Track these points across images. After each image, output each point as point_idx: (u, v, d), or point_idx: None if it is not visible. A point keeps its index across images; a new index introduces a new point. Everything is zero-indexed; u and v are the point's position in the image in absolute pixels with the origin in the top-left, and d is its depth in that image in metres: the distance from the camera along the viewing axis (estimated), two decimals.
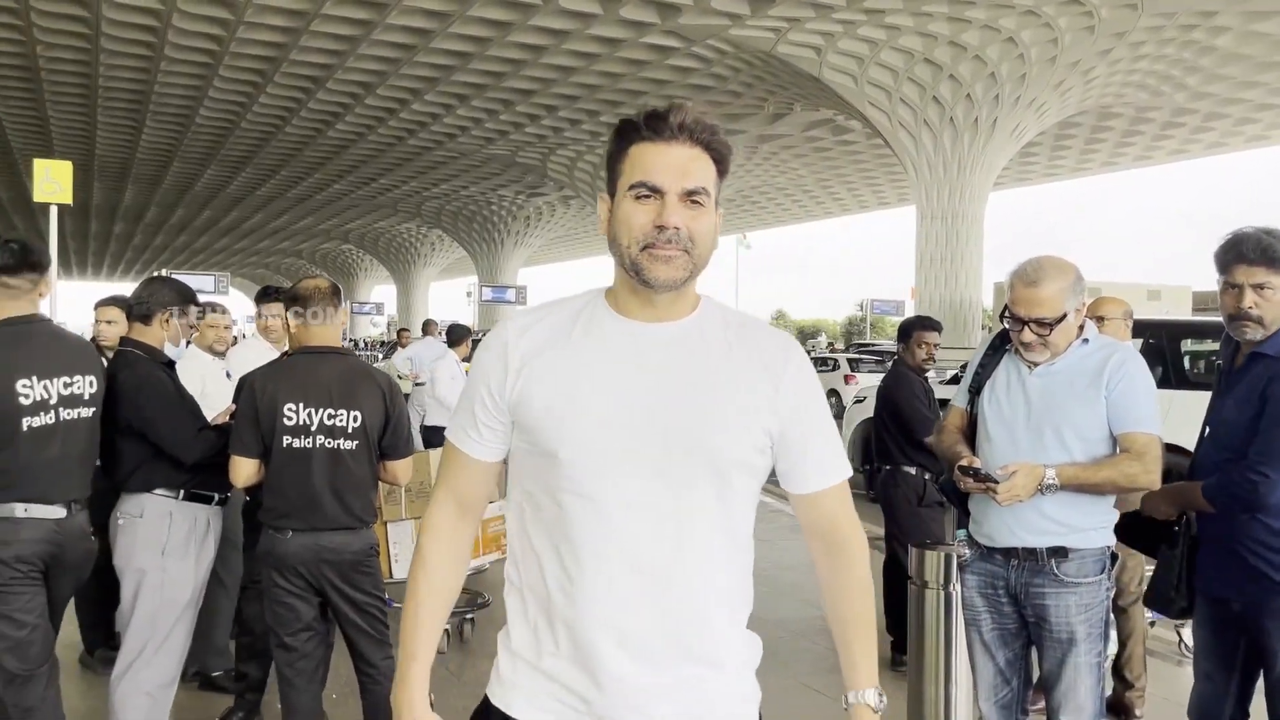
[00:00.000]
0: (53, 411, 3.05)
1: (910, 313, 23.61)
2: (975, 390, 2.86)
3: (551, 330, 1.52)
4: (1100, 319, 4.27)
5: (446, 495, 1.63)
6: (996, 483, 2.61)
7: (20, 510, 2.98)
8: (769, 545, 8.00)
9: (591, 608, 1.44)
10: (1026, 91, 22.30)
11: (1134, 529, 2.89)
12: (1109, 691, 4.37)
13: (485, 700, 1.58)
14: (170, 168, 35.64)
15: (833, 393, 23.03)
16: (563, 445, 1.45)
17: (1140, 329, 8.93)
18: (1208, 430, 2.84)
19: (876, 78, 22.58)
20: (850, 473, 1.63)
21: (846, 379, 22.55)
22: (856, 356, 24.92)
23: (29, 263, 3.09)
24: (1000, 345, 2.85)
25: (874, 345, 34.05)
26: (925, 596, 3.38)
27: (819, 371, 24.31)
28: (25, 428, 2.99)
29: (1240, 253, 2.67)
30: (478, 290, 37.97)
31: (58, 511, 3.04)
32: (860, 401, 11.13)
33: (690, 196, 1.45)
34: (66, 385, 3.10)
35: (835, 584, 1.63)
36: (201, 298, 4.21)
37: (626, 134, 1.49)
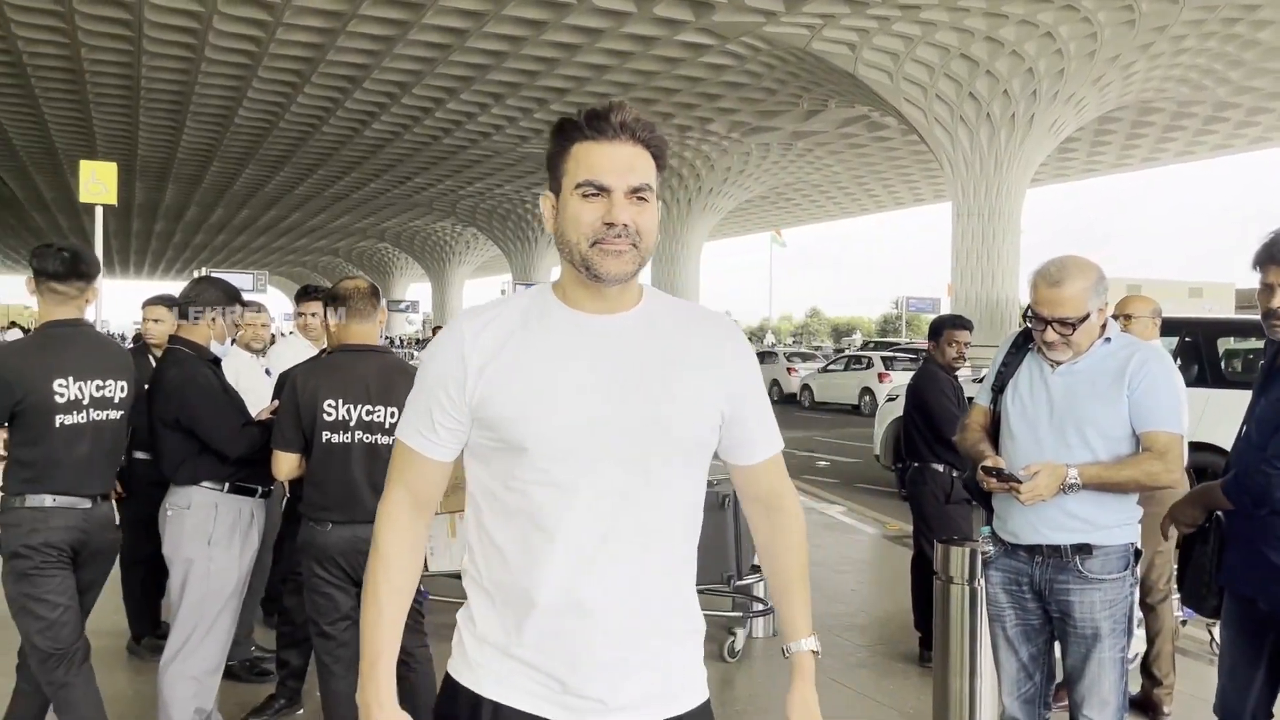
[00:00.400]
0: (84, 411, 3.23)
1: (946, 310, 23.47)
2: (998, 389, 2.89)
3: (506, 328, 1.54)
4: (1128, 317, 4.28)
5: (403, 494, 1.63)
6: (1019, 482, 2.64)
7: (50, 500, 3.16)
8: None
9: (568, 592, 1.47)
10: (1065, 87, 22.07)
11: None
12: (1136, 689, 4.38)
13: (449, 681, 1.58)
14: (210, 167, 36.13)
15: (866, 390, 22.96)
16: (531, 438, 1.47)
17: (1176, 327, 8.86)
18: (1245, 429, 2.84)
19: (912, 74, 22.44)
20: (782, 444, 1.73)
21: (880, 377, 22.47)
22: (891, 355, 24.79)
23: (78, 271, 3.27)
24: (1023, 344, 2.87)
25: (896, 344, 33.85)
26: (950, 592, 3.42)
27: (853, 369, 24.29)
28: (58, 424, 3.17)
29: (1272, 254, 2.68)
30: (512, 288, 38.20)
31: (84, 504, 3.22)
32: (893, 400, 11.10)
33: (636, 193, 1.49)
34: (99, 388, 3.26)
35: (776, 545, 1.73)
36: (244, 297, 4.33)
37: (568, 133, 1.52)
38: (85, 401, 3.23)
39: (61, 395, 3.17)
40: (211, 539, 3.48)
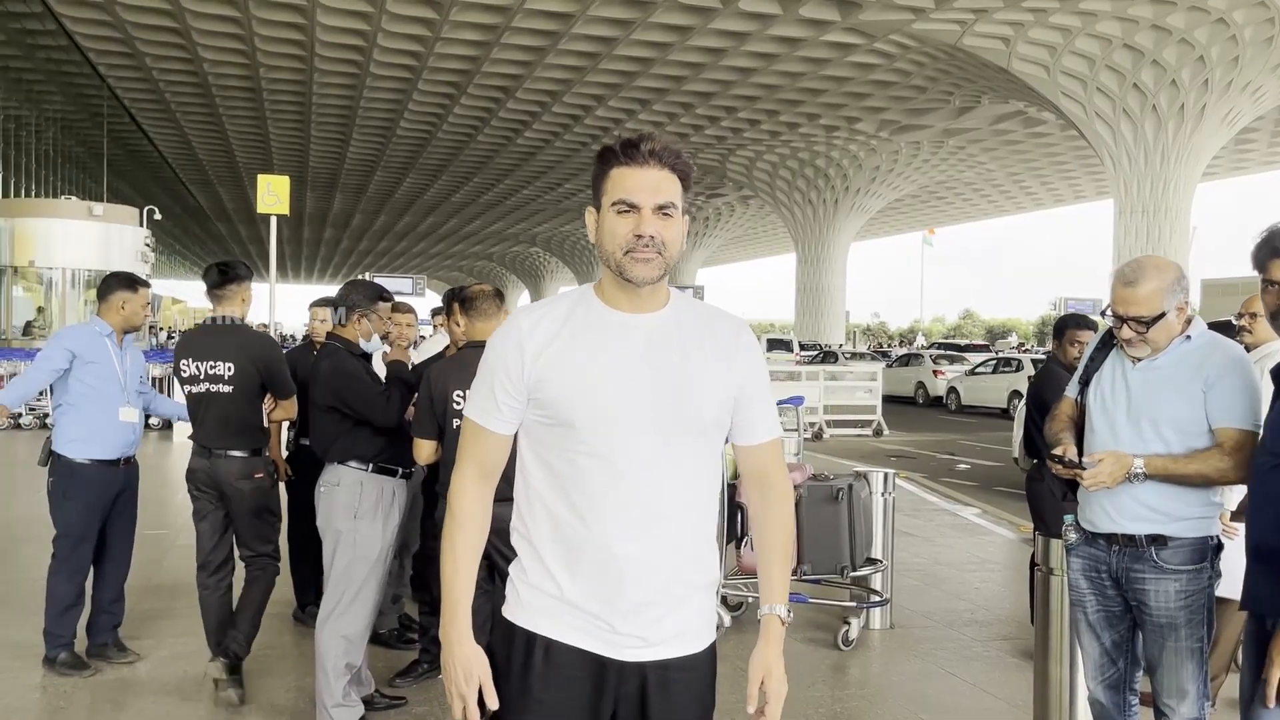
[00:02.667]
0: (201, 384, 4.28)
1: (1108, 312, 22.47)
2: (1085, 383, 2.98)
3: (556, 323, 1.81)
4: (1253, 315, 4.22)
5: (472, 465, 1.88)
6: (1083, 469, 2.73)
7: (195, 451, 4.35)
8: (928, 542, 8.03)
9: (608, 546, 1.75)
10: (1240, 75, 20.90)
11: None
12: None
13: (505, 622, 1.85)
14: (374, 177, 38.09)
15: (1015, 393, 22.33)
16: (579, 417, 1.75)
17: None
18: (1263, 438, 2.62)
19: (1070, 66, 21.68)
20: (781, 432, 1.95)
21: (1030, 379, 21.81)
22: (1039, 358, 24.01)
23: (215, 279, 4.34)
24: (1109, 340, 2.95)
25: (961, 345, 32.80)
26: (1050, 582, 3.50)
27: (1002, 372, 23.56)
28: (187, 392, 4.34)
29: (1275, 248, 2.59)
30: None
31: (205, 457, 4.28)
32: None
33: (662, 210, 1.75)
34: (211, 367, 4.27)
35: (765, 518, 1.95)
36: (397, 299, 4.76)
37: (607, 160, 1.79)
38: (201, 376, 4.28)
39: (185, 371, 4.33)
40: (357, 513, 3.89)
